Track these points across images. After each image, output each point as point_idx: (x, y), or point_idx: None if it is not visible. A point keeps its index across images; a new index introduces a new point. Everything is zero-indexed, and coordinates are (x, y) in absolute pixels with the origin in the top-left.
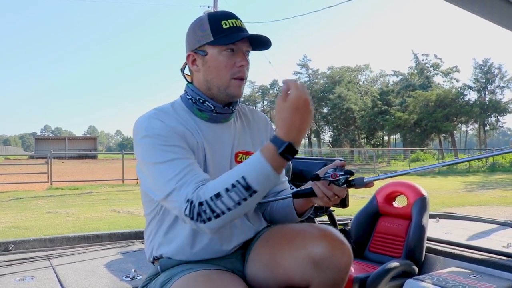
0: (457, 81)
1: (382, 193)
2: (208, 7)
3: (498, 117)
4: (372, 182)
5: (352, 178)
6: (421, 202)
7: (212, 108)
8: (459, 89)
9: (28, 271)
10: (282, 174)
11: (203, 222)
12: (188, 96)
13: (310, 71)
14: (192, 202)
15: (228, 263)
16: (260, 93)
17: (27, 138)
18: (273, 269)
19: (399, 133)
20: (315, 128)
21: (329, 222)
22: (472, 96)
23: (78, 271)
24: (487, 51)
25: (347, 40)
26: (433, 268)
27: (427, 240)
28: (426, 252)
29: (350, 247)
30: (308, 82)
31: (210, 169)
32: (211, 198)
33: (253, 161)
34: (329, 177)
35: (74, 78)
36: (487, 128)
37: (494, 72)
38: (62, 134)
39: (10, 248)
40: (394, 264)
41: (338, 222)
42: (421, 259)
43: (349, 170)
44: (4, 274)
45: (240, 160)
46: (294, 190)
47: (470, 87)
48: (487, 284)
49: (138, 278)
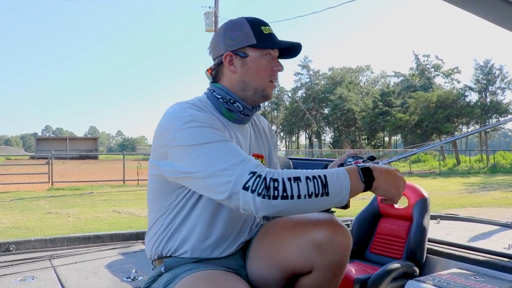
0: (458, 82)
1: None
2: (209, 8)
3: (499, 118)
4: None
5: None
6: (422, 203)
7: (241, 109)
8: (460, 90)
9: (29, 272)
10: None
11: (267, 198)
12: (218, 96)
13: (311, 72)
14: (260, 175)
15: (232, 260)
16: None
17: (28, 139)
18: (276, 258)
19: (400, 134)
20: (316, 129)
21: None
22: (473, 97)
23: (79, 272)
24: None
25: (348, 41)
26: (434, 270)
27: (428, 241)
28: (427, 253)
29: (349, 231)
30: (309, 83)
31: None
32: (289, 179)
33: (336, 170)
34: (352, 164)
35: (75, 78)
36: (488, 130)
37: (495, 73)
38: (63, 135)
39: (11, 249)
40: (395, 265)
41: None
42: (422, 260)
43: (371, 156)
44: (5, 275)
45: None
46: None
47: (471, 88)
48: (488, 286)
49: (139, 279)
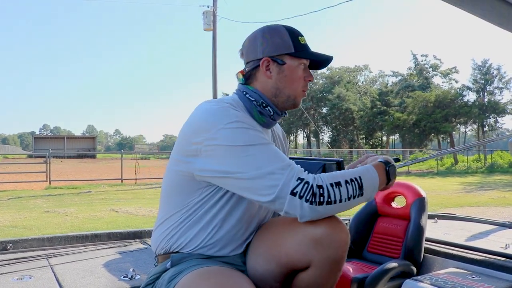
0: (456, 82)
1: (381, 194)
2: (208, 7)
3: (497, 118)
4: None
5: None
6: (420, 203)
7: (271, 114)
8: (458, 90)
9: (26, 271)
10: None
11: (314, 204)
12: (251, 98)
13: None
14: (308, 182)
15: (237, 257)
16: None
17: (26, 137)
18: (275, 253)
19: (398, 134)
20: (314, 128)
21: None
22: (471, 97)
23: (77, 271)
24: (486, 52)
25: (346, 41)
26: (432, 269)
27: (426, 241)
28: (425, 253)
29: (347, 226)
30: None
31: None
32: (332, 184)
33: (367, 169)
34: None
35: (73, 77)
36: (486, 129)
37: (493, 73)
38: (61, 133)
39: (8, 247)
40: (393, 265)
41: None
42: (420, 260)
43: (396, 158)
44: (2, 274)
45: None
46: None
47: (469, 88)
48: (485, 285)
49: (137, 278)
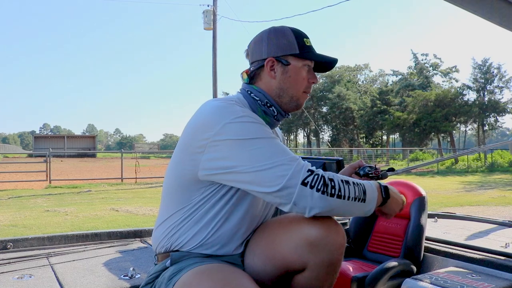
0: (456, 81)
1: None
2: (208, 6)
3: (497, 117)
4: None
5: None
6: (420, 202)
7: (275, 114)
8: (458, 89)
9: (26, 270)
10: None
11: (325, 194)
12: (256, 97)
13: None
14: (319, 174)
15: (236, 256)
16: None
17: (26, 137)
18: (270, 255)
19: (398, 133)
20: (314, 128)
21: None
22: (471, 96)
23: (77, 270)
24: (487, 51)
25: (347, 40)
26: (432, 268)
27: (426, 240)
28: (425, 252)
29: (343, 228)
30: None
31: None
32: (341, 181)
33: (368, 181)
34: (373, 174)
35: (73, 76)
36: (486, 128)
37: (493, 72)
38: (61, 133)
39: (9, 247)
40: (393, 264)
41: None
42: (420, 259)
43: (391, 168)
44: (2, 273)
45: None
46: None
47: (469, 87)
48: (485, 284)
49: (137, 277)
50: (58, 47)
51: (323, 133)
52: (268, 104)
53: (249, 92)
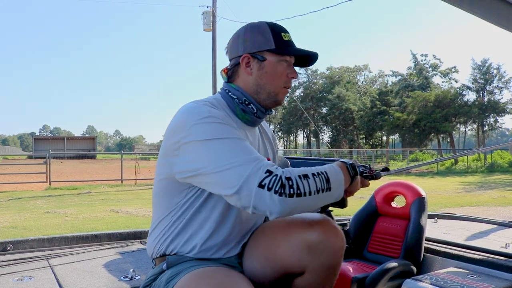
0: (456, 82)
1: (381, 193)
2: (207, 7)
3: (497, 118)
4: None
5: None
6: (420, 202)
7: (255, 111)
8: (458, 90)
9: (27, 271)
10: None
11: (283, 195)
12: (233, 96)
13: (309, 71)
14: (276, 174)
15: (232, 258)
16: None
17: (26, 138)
18: (269, 257)
19: (398, 134)
20: (314, 129)
21: None
22: (471, 97)
23: (77, 271)
24: (486, 52)
25: (346, 41)
26: (432, 268)
27: (426, 240)
28: (425, 252)
29: (343, 231)
30: (307, 82)
31: None
32: (300, 177)
33: (331, 165)
34: (367, 173)
35: (73, 78)
36: (486, 129)
37: (493, 73)
38: (61, 134)
39: (9, 248)
40: (393, 264)
41: (337, 222)
42: (420, 259)
43: (385, 167)
44: (3, 274)
45: None
46: None
47: (469, 88)
48: (485, 284)
49: (137, 278)
50: (59, 51)
51: (323, 134)
52: (247, 102)
53: (227, 91)
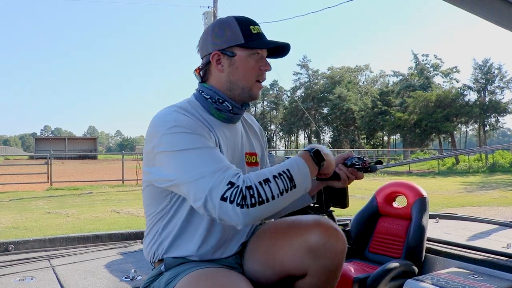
0: (457, 82)
1: (382, 194)
2: (208, 8)
3: (498, 118)
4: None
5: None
6: (421, 203)
7: (230, 108)
8: (459, 90)
9: (28, 272)
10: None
11: (245, 207)
12: (206, 96)
13: (310, 72)
14: (238, 186)
15: (230, 258)
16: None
17: (27, 139)
18: (270, 261)
19: (399, 134)
20: (315, 129)
21: None
22: (472, 97)
23: (78, 272)
24: (487, 52)
25: (347, 41)
26: (433, 269)
27: (427, 241)
28: (426, 253)
29: (344, 234)
30: (308, 83)
31: None
32: (260, 183)
33: (293, 159)
34: (360, 165)
35: (74, 78)
36: (487, 129)
37: (494, 73)
38: (62, 135)
39: (10, 249)
40: (394, 265)
41: (338, 223)
42: (421, 260)
43: (379, 160)
44: (4, 275)
45: (248, 161)
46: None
47: (470, 88)
48: (487, 285)
49: (138, 279)
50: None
51: (324, 134)
52: (220, 100)
53: (201, 92)
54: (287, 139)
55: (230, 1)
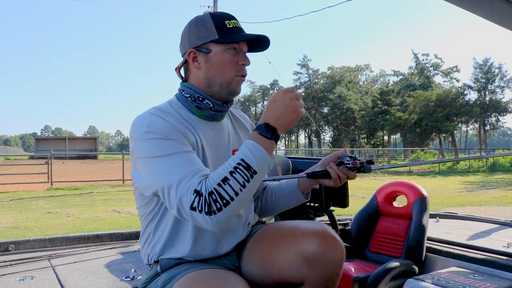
0: (457, 81)
1: (382, 193)
2: (208, 7)
3: (498, 117)
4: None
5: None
6: (421, 202)
7: (211, 106)
8: (459, 89)
9: (28, 271)
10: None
11: (213, 214)
12: (186, 95)
13: (310, 71)
14: (202, 193)
15: (227, 260)
16: (260, 93)
17: (27, 139)
18: (267, 267)
19: (399, 133)
20: (315, 128)
21: (329, 222)
22: (472, 96)
23: (78, 271)
24: (487, 51)
25: (347, 40)
26: (434, 268)
27: (427, 240)
28: (426, 252)
29: (342, 242)
30: (308, 82)
31: (210, 167)
32: (219, 184)
33: (244, 146)
34: (350, 165)
35: (74, 78)
36: (487, 128)
37: (494, 72)
38: (62, 135)
39: (10, 248)
40: (394, 264)
41: (338, 222)
42: (421, 259)
43: (370, 160)
44: (4, 274)
45: None
46: (309, 171)
47: (470, 87)
48: (487, 284)
49: (138, 278)
50: (60, 51)
51: (324, 134)
52: (200, 98)
53: (181, 91)
54: (287, 139)
55: (231, 1)
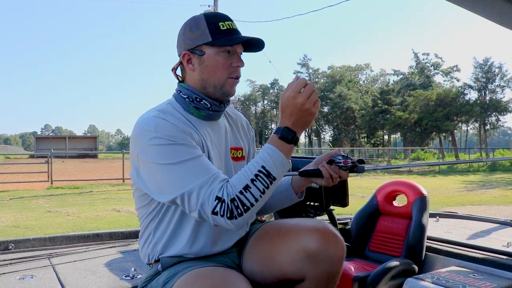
0: (458, 81)
1: (382, 192)
2: (209, 7)
3: (499, 117)
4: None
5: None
6: (421, 201)
7: (209, 106)
8: (460, 89)
9: (28, 270)
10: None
11: (234, 218)
12: (184, 95)
13: (311, 70)
14: (224, 200)
15: (227, 258)
16: (261, 93)
17: (28, 137)
18: (268, 264)
19: (400, 133)
20: (316, 128)
21: (329, 221)
22: (473, 96)
23: (78, 270)
24: (488, 50)
25: (348, 39)
26: (433, 267)
27: (427, 239)
28: (426, 251)
29: (343, 239)
30: (309, 81)
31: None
32: (241, 192)
33: (264, 151)
34: (341, 163)
35: (74, 77)
36: (488, 128)
37: (495, 72)
38: (63, 133)
39: (10, 247)
40: (394, 263)
41: (338, 221)
42: (421, 258)
43: (361, 159)
44: (4, 273)
45: (233, 156)
46: (302, 169)
47: (471, 87)
48: (487, 283)
49: (138, 277)
50: (60, 51)
51: (325, 133)
52: (198, 99)
53: (179, 92)
54: None
55: (231, 1)
